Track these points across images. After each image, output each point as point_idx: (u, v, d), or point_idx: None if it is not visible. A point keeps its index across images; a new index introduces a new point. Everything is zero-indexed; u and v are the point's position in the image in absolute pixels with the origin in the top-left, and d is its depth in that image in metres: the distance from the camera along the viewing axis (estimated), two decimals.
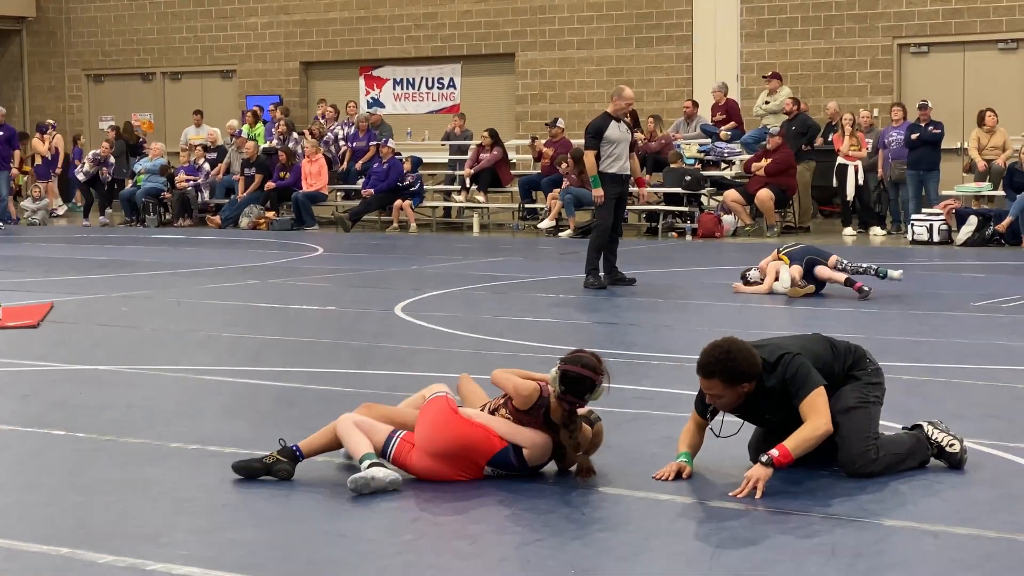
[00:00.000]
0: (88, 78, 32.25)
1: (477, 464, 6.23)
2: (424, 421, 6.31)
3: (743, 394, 6.25)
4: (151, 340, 11.13)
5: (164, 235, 23.15)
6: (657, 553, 5.22)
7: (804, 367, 6.26)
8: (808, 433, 6.14)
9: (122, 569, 4.97)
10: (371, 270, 16.86)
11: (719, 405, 6.32)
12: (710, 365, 6.19)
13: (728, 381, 6.18)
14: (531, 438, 6.28)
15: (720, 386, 6.20)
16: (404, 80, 28.48)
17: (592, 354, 6.38)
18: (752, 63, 24.64)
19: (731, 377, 6.17)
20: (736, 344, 6.22)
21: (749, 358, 6.18)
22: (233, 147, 25.75)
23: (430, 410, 6.34)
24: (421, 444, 6.24)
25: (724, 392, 6.22)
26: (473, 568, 5.14)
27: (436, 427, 6.25)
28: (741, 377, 6.17)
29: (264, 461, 6.28)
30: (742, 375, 6.17)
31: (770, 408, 6.33)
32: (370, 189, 23.73)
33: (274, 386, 8.86)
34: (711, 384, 6.21)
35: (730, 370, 6.16)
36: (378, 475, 6.00)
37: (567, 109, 26.00)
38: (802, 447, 6.11)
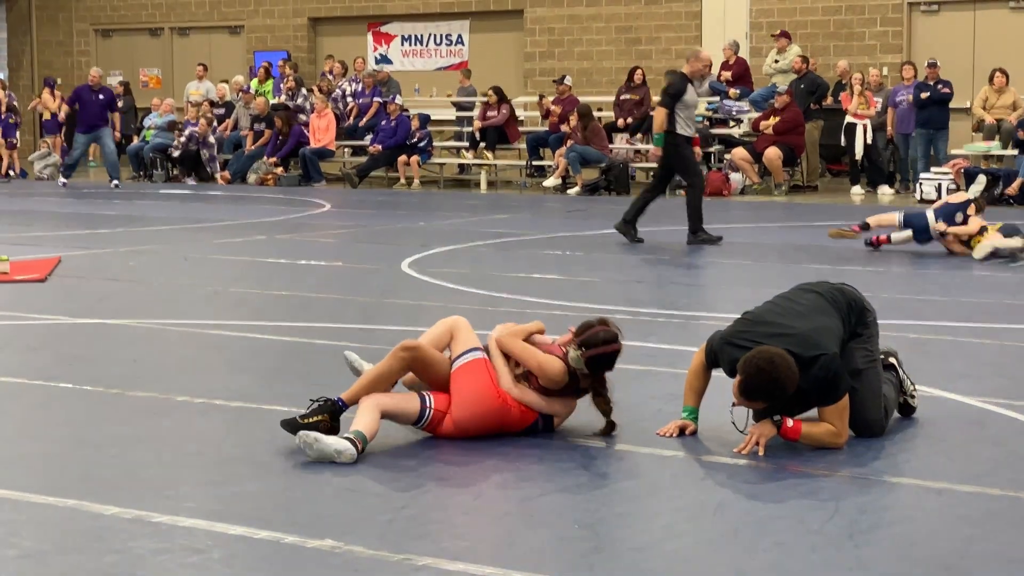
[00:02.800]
0: (96, 33, 32.18)
1: (507, 431, 6.24)
2: (467, 397, 6.14)
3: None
4: (158, 295, 11.14)
5: (172, 190, 23.14)
6: (660, 508, 5.24)
7: (840, 369, 6.03)
8: (823, 436, 6.03)
9: (128, 521, 4.99)
10: (378, 226, 16.85)
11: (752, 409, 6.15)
12: (757, 392, 5.92)
13: (772, 403, 6.01)
14: (564, 409, 6.32)
15: (762, 405, 6.04)
16: (412, 36, 28.39)
17: (602, 324, 6.31)
18: (761, 21, 24.52)
19: (776, 401, 5.99)
20: (780, 365, 5.85)
21: (792, 377, 5.88)
22: (240, 103, 25.71)
23: (472, 383, 6.15)
24: (459, 420, 6.15)
25: (764, 408, 6.06)
26: (477, 523, 5.16)
27: (479, 408, 6.13)
28: (780, 394, 5.94)
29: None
30: (782, 392, 5.94)
31: (793, 404, 6.11)
32: (378, 145, 23.69)
33: (280, 341, 8.87)
34: (753, 403, 6.03)
35: (777, 396, 5.94)
36: (324, 440, 5.81)
37: (575, 67, 25.92)
38: (810, 439, 6.02)
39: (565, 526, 5.01)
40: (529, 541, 4.88)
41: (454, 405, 6.18)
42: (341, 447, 5.81)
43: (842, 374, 6.06)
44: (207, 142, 24.66)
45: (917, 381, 6.86)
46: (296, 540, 4.77)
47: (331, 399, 6.11)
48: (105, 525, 4.97)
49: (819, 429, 6.07)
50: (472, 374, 6.19)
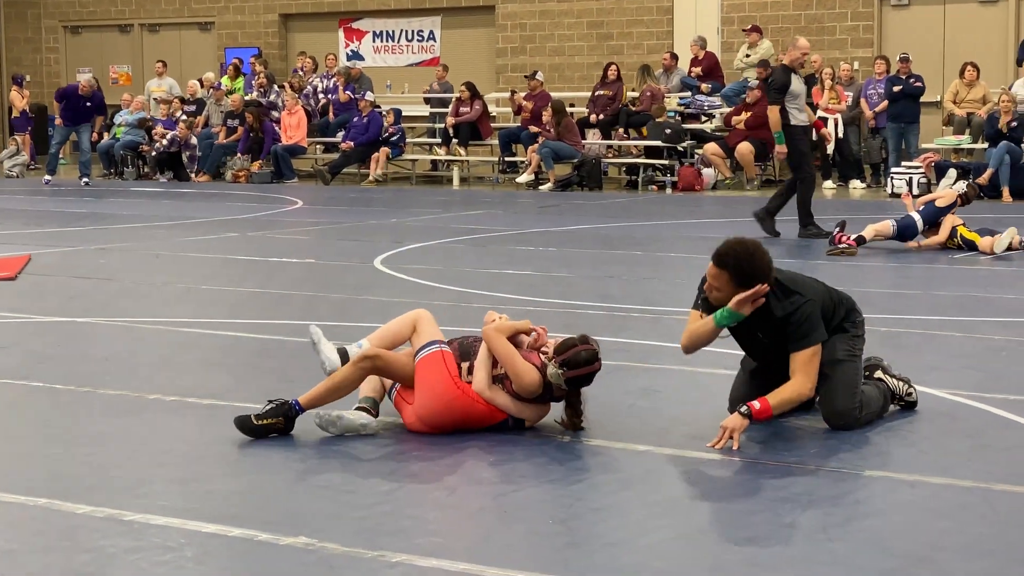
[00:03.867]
0: (65, 29, 32.02)
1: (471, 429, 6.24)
2: (425, 391, 6.17)
3: (726, 299, 6.14)
4: (129, 292, 11.09)
5: (143, 188, 23.05)
6: (634, 503, 5.23)
7: (815, 317, 6.14)
8: (790, 395, 6.10)
9: (100, 520, 4.97)
10: (351, 223, 16.82)
11: (712, 299, 6.19)
12: (727, 256, 6.08)
13: (737, 278, 6.07)
14: (535, 414, 6.31)
15: (726, 281, 6.09)
16: (384, 32, 28.34)
17: (584, 344, 6.26)
18: (733, 16, 24.56)
19: (741, 276, 6.06)
20: (760, 249, 6.13)
21: (766, 266, 6.09)
22: (212, 100, 25.61)
23: (430, 377, 6.18)
24: (420, 414, 6.18)
25: (726, 288, 6.11)
26: (451, 518, 5.15)
27: (437, 403, 6.15)
28: (751, 280, 6.06)
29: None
30: (752, 278, 6.06)
31: (763, 329, 6.23)
32: (350, 142, 23.64)
33: (253, 338, 8.85)
34: (719, 275, 6.09)
35: (744, 269, 6.06)
36: (347, 415, 6.08)
37: (547, 62, 25.91)
38: (783, 406, 6.09)
39: (540, 521, 5.01)
40: (503, 537, 4.88)
41: (416, 398, 6.21)
42: (365, 420, 6.14)
43: (817, 322, 6.13)
44: (189, 144, 24.56)
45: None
46: (270, 537, 4.75)
47: (287, 402, 6.17)
48: (77, 524, 4.95)
49: (785, 392, 6.10)
50: (429, 368, 6.21)
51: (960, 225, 13.23)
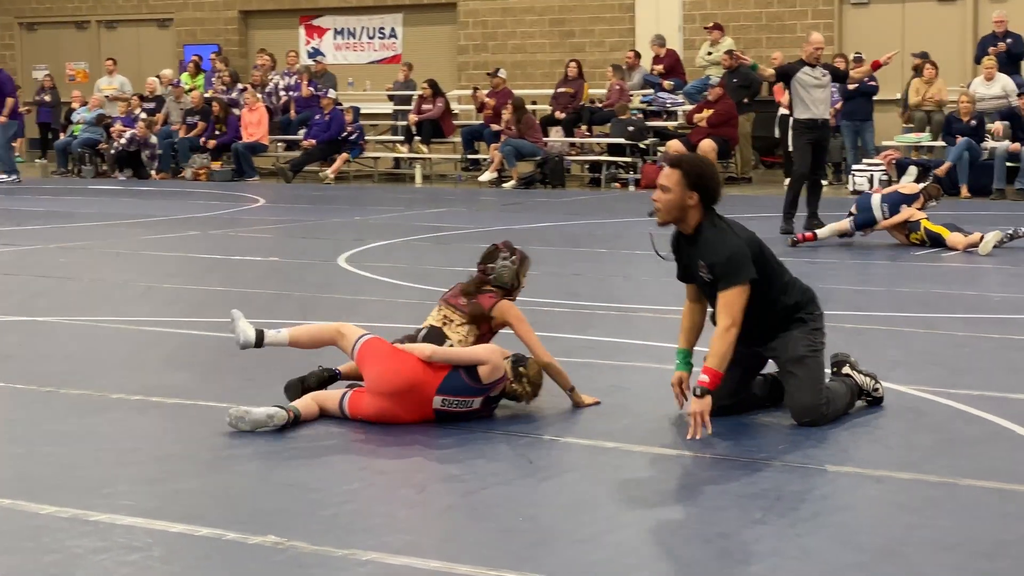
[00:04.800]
0: (21, 26, 31.77)
1: (427, 397, 6.23)
2: (372, 363, 6.34)
3: (684, 208, 6.26)
4: (91, 291, 11.02)
5: (101, 186, 22.90)
6: (603, 500, 5.23)
7: (742, 254, 6.24)
8: (719, 345, 6.13)
9: (64, 520, 4.93)
10: (313, 221, 16.76)
11: (659, 202, 6.30)
12: (682, 157, 6.43)
13: (686, 178, 6.23)
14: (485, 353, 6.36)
15: (676, 180, 6.23)
16: (345, 30, 28.26)
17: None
18: (695, 13, 24.60)
19: (691, 176, 6.24)
20: (715, 168, 6.47)
21: (715, 181, 6.34)
22: (171, 97, 25.47)
23: (373, 352, 6.38)
24: (372, 386, 6.30)
25: (674, 189, 6.24)
26: (421, 516, 5.13)
27: (384, 366, 6.29)
28: (698, 181, 6.24)
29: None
30: (700, 181, 6.25)
31: (693, 256, 6.35)
32: (312, 140, 23.55)
33: (217, 337, 8.78)
34: (670, 174, 6.27)
35: (696, 171, 6.29)
36: (254, 411, 6.17)
37: (509, 59, 25.89)
38: (720, 357, 6.11)
39: (509, 519, 4.99)
40: (473, 534, 4.87)
41: (366, 378, 6.37)
42: (271, 411, 6.17)
43: (744, 260, 6.22)
44: (148, 142, 24.40)
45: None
46: (238, 536, 4.72)
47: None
48: (42, 524, 4.90)
49: (715, 346, 6.13)
50: (369, 348, 6.39)
51: (924, 219, 13.28)
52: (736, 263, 6.21)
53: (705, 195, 6.28)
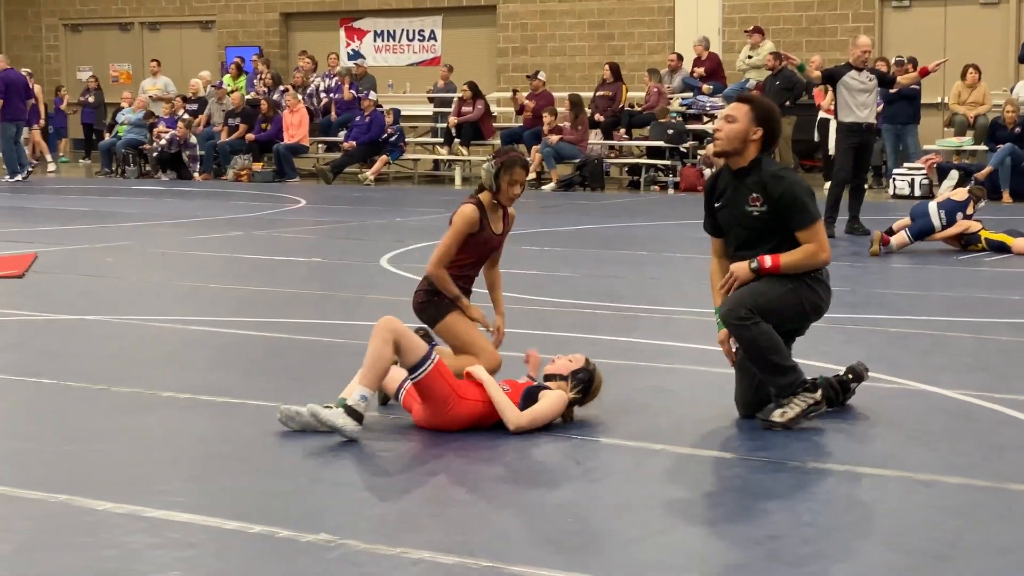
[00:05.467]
0: (66, 28, 32.02)
1: (484, 424, 6.26)
2: (433, 408, 6.18)
3: (745, 142, 6.34)
4: (137, 291, 11.11)
5: (145, 187, 23.05)
6: (651, 502, 5.25)
7: (806, 192, 6.33)
8: (803, 255, 6.28)
9: (121, 516, 4.99)
10: (354, 222, 16.83)
11: (722, 133, 6.37)
12: (752, 95, 6.58)
13: (755, 112, 6.37)
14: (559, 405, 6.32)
15: (744, 112, 6.37)
16: (385, 32, 28.36)
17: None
18: (734, 16, 24.60)
19: (760, 112, 6.38)
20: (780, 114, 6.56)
21: (780, 125, 6.47)
22: (214, 99, 25.63)
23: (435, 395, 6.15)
24: (432, 424, 6.21)
25: (741, 120, 6.34)
26: (471, 516, 5.17)
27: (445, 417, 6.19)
28: (766, 119, 6.37)
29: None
30: (768, 120, 6.38)
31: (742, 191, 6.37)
32: (352, 141, 23.65)
33: (262, 336, 8.87)
34: (739, 107, 6.41)
35: (766, 109, 6.42)
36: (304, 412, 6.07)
37: (548, 62, 25.93)
38: (794, 260, 6.26)
39: (558, 519, 5.03)
40: (522, 534, 4.90)
41: (424, 413, 6.24)
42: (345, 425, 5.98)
43: (807, 197, 6.31)
44: (188, 143, 24.56)
45: (900, 375, 6.95)
46: (291, 534, 4.77)
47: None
48: (98, 520, 4.96)
49: (798, 253, 6.27)
50: (432, 387, 6.15)
51: (983, 230, 13.20)
52: (804, 201, 6.30)
53: (768, 134, 6.40)
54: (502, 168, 6.93)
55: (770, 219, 6.32)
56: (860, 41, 14.73)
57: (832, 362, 7.43)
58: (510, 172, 6.92)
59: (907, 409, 6.72)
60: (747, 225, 6.40)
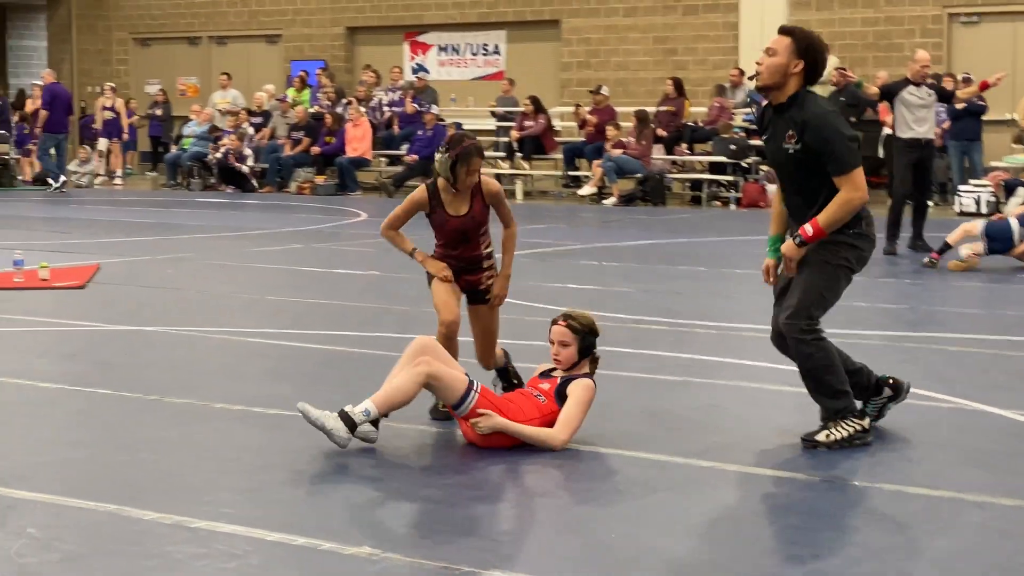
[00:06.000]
0: (135, 42, 32.36)
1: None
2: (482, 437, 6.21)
3: (787, 75, 6.22)
4: (196, 302, 11.19)
5: (208, 199, 23.23)
6: (697, 519, 5.21)
7: (844, 137, 6.15)
8: (837, 208, 6.11)
9: (167, 526, 5.01)
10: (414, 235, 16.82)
11: (763, 65, 6.28)
12: (794, 27, 6.37)
13: (796, 44, 6.23)
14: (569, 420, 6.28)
15: (786, 45, 6.25)
16: (449, 46, 28.44)
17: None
18: None
19: (801, 44, 6.24)
20: (825, 46, 6.36)
21: (823, 56, 6.28)
22: (278, 112, 25.81)
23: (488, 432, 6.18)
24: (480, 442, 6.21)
25: (782, 53, 6.23)
26: (515, 530, 5.15)
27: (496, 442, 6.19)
28: (807, 50, 6.22)
29: None
30: (809, 51, 6.23)
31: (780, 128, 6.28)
32: (414, 155, 23.73)
33: (318, 349, 8.90)
34: (780, 39, 6.29)
35: (807, 40, 6.25)
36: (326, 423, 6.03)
37: (612, 77, 25.90)
38: (829, 217, 6.12)
39: (603, 534, 5.00)
40: (566, 549, 4.87)
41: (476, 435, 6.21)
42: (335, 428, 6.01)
43: (841, 143, 6.11)
44: (242, 155, 24.74)
45: (955, 395, 6.85)
46: (334, 547, 4.77)
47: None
48: (144, 530, 4.99)
49: (833, 206, 6.11)
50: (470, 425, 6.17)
51: None
52: (843, 145, 6.14)
53: (810, 67, 6.26)
54: (458, 161, 6.80)
55: (805, 159, 6.20)
56: (919, 55, 14.60)
57: None
58: (467, 164, 6.80)
59: (961, 428, 6.63)
60: (785, 163, 6.32)
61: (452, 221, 6.98)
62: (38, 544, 4.79)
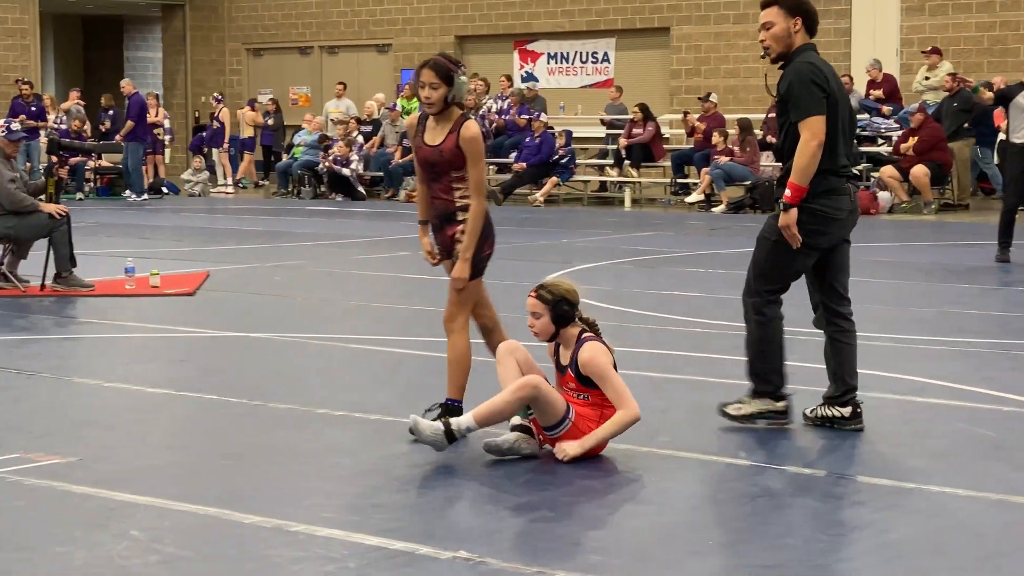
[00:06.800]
0: (248, 52, 32.80)
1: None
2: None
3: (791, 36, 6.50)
4: (301, 309, 11.30)
5: (318, 207, 23.47)
6: (798, 526, 5.15)
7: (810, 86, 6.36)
8: (800, 158, 6.35)
9: (268, 530, 5.07)
10: (521, 243, 16.89)
11: (768, 41, 6.54)
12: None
13: (785, 7, 6.51)
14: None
15: (777, 13, 6.52)
16: (558, 54, 28.46)
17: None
18: (912, 37, 24.14)
19: (789, 4, 6.51)
20: None
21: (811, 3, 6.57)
22: (387, 120, 26.00)
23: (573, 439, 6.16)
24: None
25: (777, 22, 6.50)
26: (610, 536, 5.13)
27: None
28: (798, 6, 6.51)
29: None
30: (800, 4, 6.52)
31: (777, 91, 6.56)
32: (522, 163, 23.78)
33: (421, 356, 8.94)
34: (768, 11, 6.56)
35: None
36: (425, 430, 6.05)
37: (722, 84, 25.75)
38: (800, 170, 6.35)
39: (699, 542, 4.97)
40: (662, 555, 4.85)
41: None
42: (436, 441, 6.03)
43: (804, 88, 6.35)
44: (349, 161, 24.95)
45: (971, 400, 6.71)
46: (431, 551, 4.80)
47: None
48: (245, 533, 5.05)
49: (797, 156, 6.35)
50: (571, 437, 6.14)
51: None
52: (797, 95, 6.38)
53: (808, 18, 6.53)
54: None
55: (784, 108, 6.50)
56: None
57: (996, 388, 7.24)
58: (417, 76, 6.70)
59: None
60: (780, 114, 6.58)
61: (423, 150, 6.79)
62: (140, 546, 4.87)
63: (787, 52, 6.51)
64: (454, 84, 6.61)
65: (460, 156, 6.62)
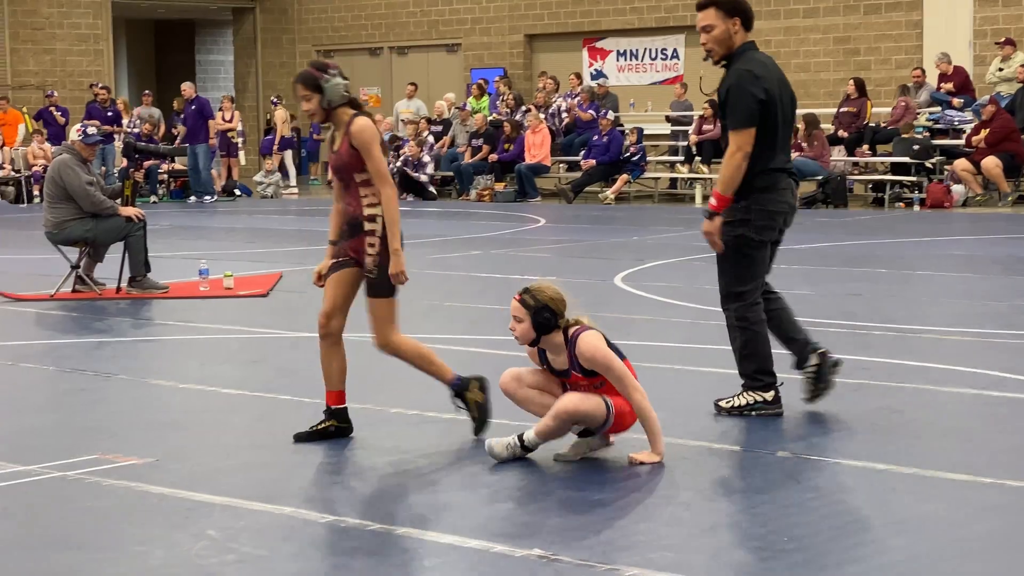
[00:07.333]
0: (318, 53, 32.97)
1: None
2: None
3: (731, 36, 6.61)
4: None
5: None
6: (872, 523, 5.13)
7: (747, 96, 6.47)
8: (724, 170, 6.47)
9: (341, 529, 5.11)
10: (592, 241, 16.90)
11: (709, 43, 6.63)
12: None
13: (723, 9, 6.60)
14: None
15: (715, 16, 6.61)
16: (627, 51, 28.41)
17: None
18: (986, 28, 23.87)
19: (725, 4, 6.59)
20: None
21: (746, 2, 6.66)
22: (457, 120, 26.08)
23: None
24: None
25: (717, 24, 6.60)
26: (686, 534, 5.11)
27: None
28: (735, 6, 6.60)
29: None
30: (736, 4, 6.61)
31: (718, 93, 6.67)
32: (591, 161, 23.78)
33: (494, 354, 8.96)
34: (707, 13, 6.64)
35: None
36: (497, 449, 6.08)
37: (793, 79, 25.30)
38: (724, 181, 6.47)
39: (775, 539, 4.94)
40: (738, 554, 4.84)
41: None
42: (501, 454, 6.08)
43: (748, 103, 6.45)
44: (421, 162, 25.04)
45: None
46: (505, 549, 4.81)
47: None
48: (320, 533, 5.10)
49: (722, 168, 6.50)
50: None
51: None
52: (734, 102, 6.51)
53: (744, 16, 6.61)
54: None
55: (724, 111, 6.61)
56: None
57: None
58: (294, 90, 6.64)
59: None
60: (723, 117, 6.69)
61: (330, 159, 6.75)
62: (217, 546, 4.92)
63: (729, 52, 6.62)
64: (324, 90, 6.57)
65: (357, 155, 6.56)
